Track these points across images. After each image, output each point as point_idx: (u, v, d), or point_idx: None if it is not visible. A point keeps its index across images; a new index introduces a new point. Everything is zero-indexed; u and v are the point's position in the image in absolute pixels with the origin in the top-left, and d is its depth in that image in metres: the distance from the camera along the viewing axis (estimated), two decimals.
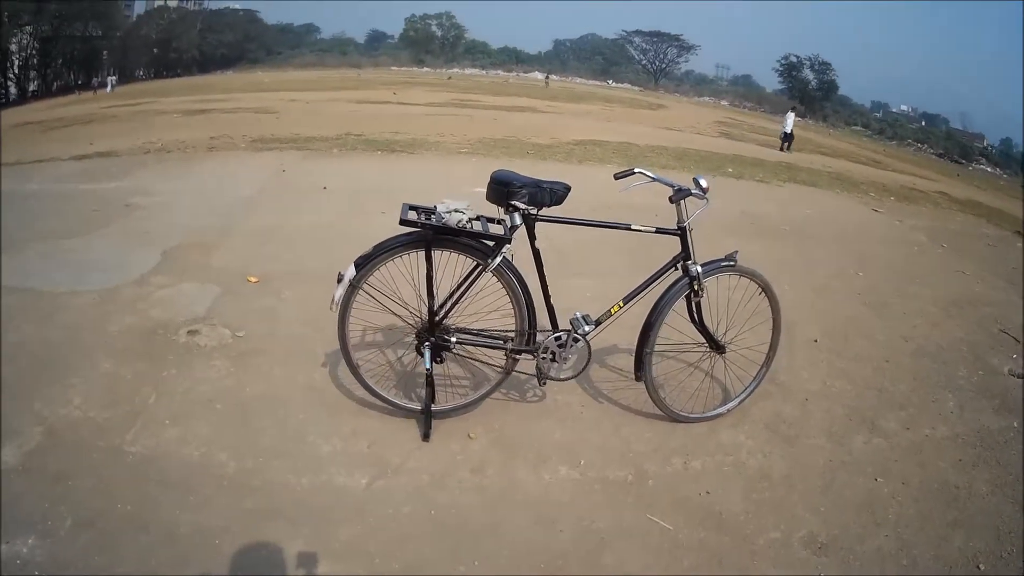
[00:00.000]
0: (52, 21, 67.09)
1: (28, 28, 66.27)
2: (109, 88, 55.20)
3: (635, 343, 3.85)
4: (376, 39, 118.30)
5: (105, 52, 76.23)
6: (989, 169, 71.76)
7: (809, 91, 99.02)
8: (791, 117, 29.18)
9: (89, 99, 43.81)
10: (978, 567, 3.26)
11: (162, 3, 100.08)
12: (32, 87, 67.28)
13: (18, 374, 4.02)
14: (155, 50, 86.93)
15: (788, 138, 27.66)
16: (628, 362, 3.98)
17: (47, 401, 3.78)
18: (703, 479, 3.62)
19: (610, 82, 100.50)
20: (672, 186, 3.68)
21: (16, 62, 66.29)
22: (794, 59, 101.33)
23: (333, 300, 3.50)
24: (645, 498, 3.43)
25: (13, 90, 65.03)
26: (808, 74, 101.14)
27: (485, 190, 3.58)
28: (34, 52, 68.12)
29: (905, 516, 3.54)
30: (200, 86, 46.06)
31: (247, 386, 4.08)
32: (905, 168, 31.73)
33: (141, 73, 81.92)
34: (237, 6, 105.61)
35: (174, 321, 4.82)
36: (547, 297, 3.74)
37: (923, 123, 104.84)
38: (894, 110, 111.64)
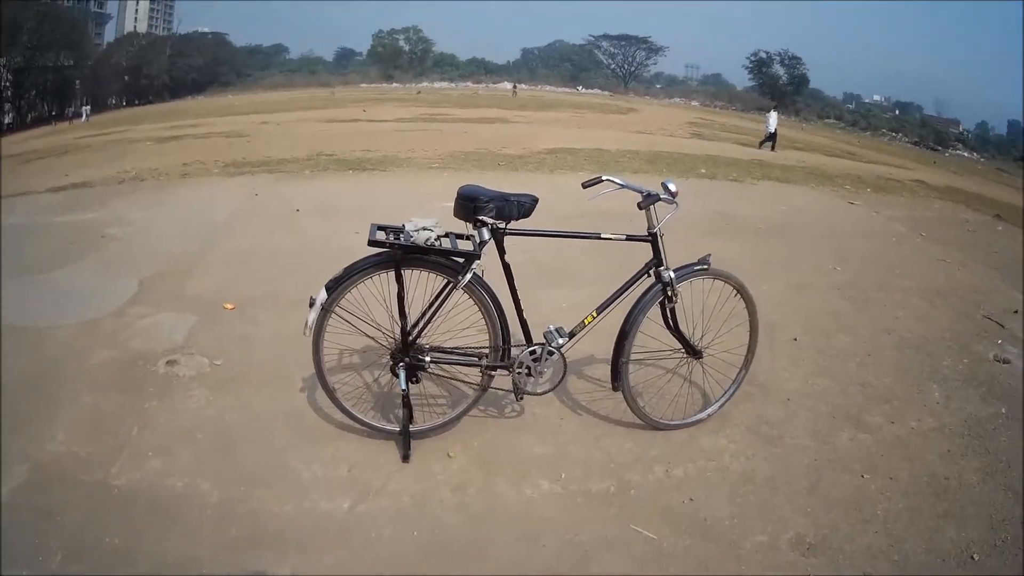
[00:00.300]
0: (24, 52, 66.88)
1: (1, 60, 66.08)
2: (84, 118, 55.17)
3: (605, 352, 3.86)
4: (344, 56, 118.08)
5: (77, 81, 76.14)
6: (966, 154, 72.27)
7: (780, 86, 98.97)
8: (774, 116, 28.73)
9: (64, 130, 43.69)
10: (972, 557, 3.26)
11: (131, 30, 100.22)
12: (7, 120, 67.04)
13: (3, 410, 4.02)
14: (126, 77, 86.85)
15: (772, 138, 27.40)
16: (606, 372, 3.96)
17: (32, 437, 3.78)
18: (686, 486, 3.61)
19: (580, 88, 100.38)
20: (641, 192, 3.69)
21: None
22: (763, 55, 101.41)
23: (306, 325, 3.48)
24: (628, 508, 3.42)
25: None
26: (778, 69, 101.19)
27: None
28: (7, 84, 67.90)
29: (894, 511, 3.54)
30: (172, 112, 46.04)
31: (227, 414, 4.07)
32: (880, 158, 31.81)
33: (113, 101, 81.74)
34: (205, 29, 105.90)
35: (153, 352, 4.81)
36: (519, 311, 3.73)
37: (896, 112, 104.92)
38: (866, 101, 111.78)
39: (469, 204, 3.48)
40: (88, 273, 6.48)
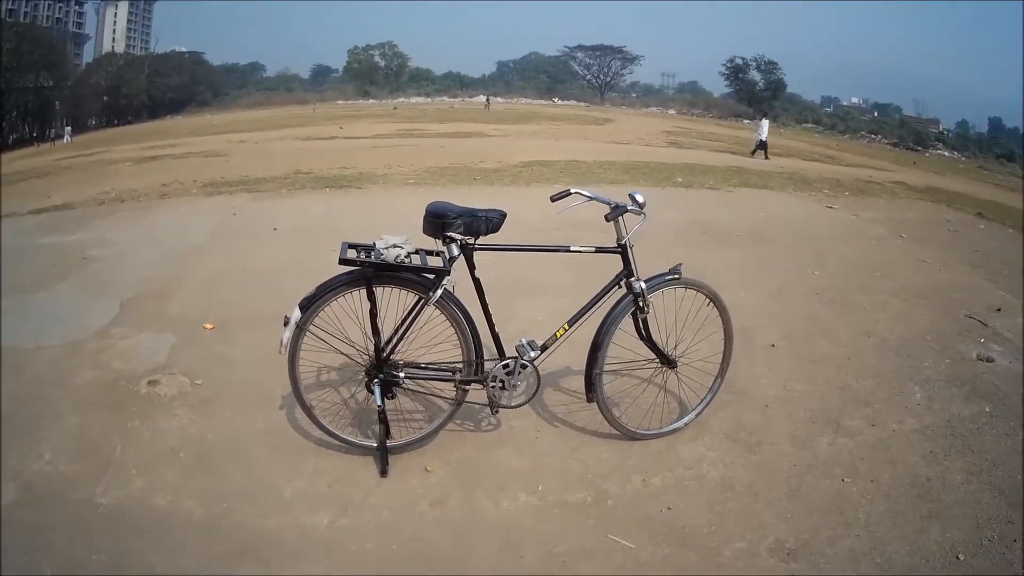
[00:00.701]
0: (4, 74, 66.72)
1: None
2: (67, 139, 55.01)
3: (580, 364, 3.90)
4: (321, 73, 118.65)
5: (57, 103, 76.03)
6: (947, 154, 72.50)
7: (757, 92, 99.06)
8: (765, 124, 28.59)
9: (47, 151, 43.64)
10: (958, 557, 3.29)
11: (109, 50, 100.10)
12: None
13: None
14: (105, 98, 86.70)
15: (763, 145, 27.20)
16: (581, 384, 3.99)
17: (20, 456, 3.81)
18: (664, 495, 3.63)
19: (556, 100, 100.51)
20: (609, 204, 3.73)
21: None
22: (739, 61, 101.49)
23: (281, 343, 3.51)
24: (606, 518, 3.44)
25: None
26: (755, 75, 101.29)
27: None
28: None
29: (876, 514, 3.56)
30: (150, 132, 45.96)
31: (208, 433, 4.10)
32: (859, 161, 31.91)
33: (93, 122, 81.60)
34: (183, 48, 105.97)
35: (135, 372, 4.83)
36: (491, 325, 3.77)
37: (875, 114, 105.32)
38: (844, 103, 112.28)
39: (437, 221, 3.52)
40: (71, 294, 6.50)
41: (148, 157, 22.19)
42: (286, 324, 3.49)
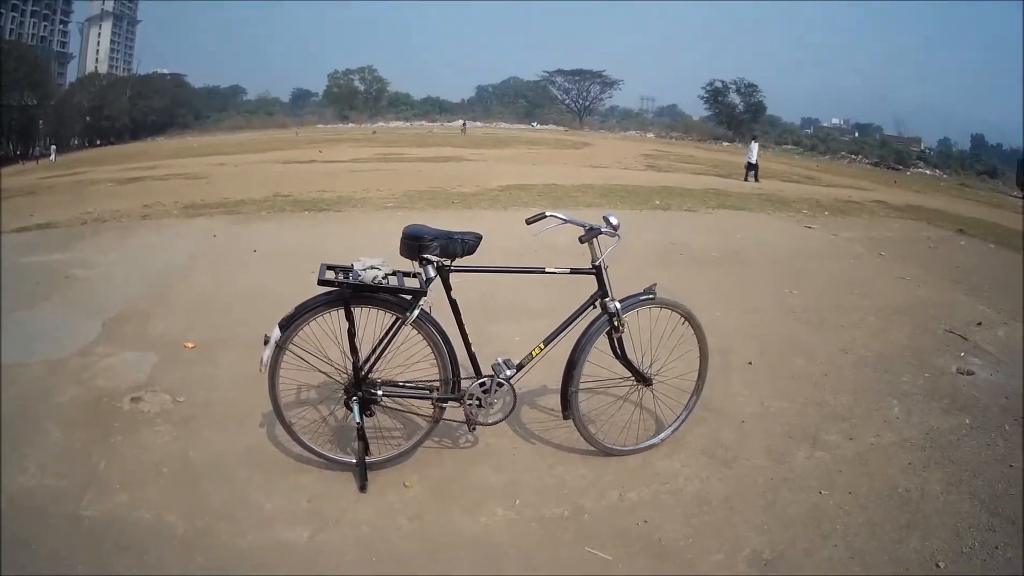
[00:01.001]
0: None
1: None
2: (53, 157, 54.99)
3: (557, 382, 3.96)
4: (301, 97, 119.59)
5: (41, 121, 75.93)
6: (928, 172, 72.89)
7: (737, 115, 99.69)
8: (755, 147, 28.65)
9: (32, 169, 43.51)
10: (937, 566, 3.34)
11: (93, 70, 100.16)
12: None
13: None
14: (88, 118, 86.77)
15: (753, 168, 27.40)
16: (557, 402, 4.06)
17: (5, 471, 3.83)
18: (640, 509, 3.68)
19: (534, 124, 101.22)
20: (583, 226, 3.80)
21: None
22: (719, 84, 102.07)
23: (261, 362, 3.56)
24: (583, 532, 3.48)
25: None
26: (735, 97, 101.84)
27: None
28: None
29: (854, 525, 3.61)
30: (132, 154, 46.05)
31: (191, 450, 4.12)
32: (839, 181, 32.14)
33: (76, 141, 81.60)
34: (164, 71, 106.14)
35: (118, 389, 4.86)
36: (468, 345, 3.83)
37: (856, 134, 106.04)
38: (825, 124, 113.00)
39: (414, 243, 3.60)
40: (54, 313, 6.53)
41: (130, 178, 22.16)
42: (266, 343, 3.55)
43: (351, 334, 3.60)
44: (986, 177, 71.32)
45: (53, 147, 62.05)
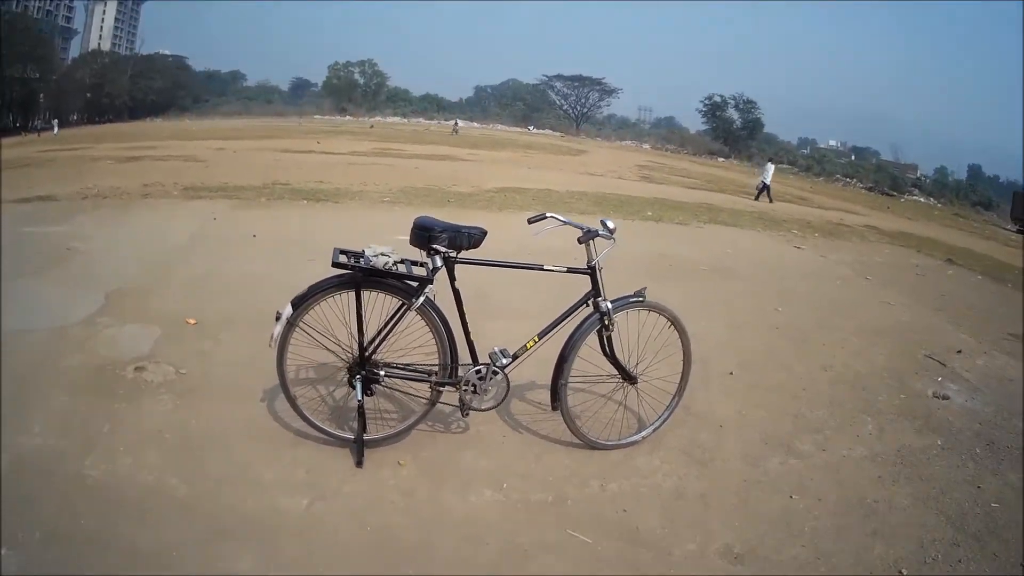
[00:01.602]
0: None
1: None
2: (55, 131, 54.76)
3: (551, 376, 4.12)
4: (300, 87, 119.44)
5: (42, 95, 75.55)
6: (923, 199, 72.77)
7: (734, 131, 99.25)
8: (770, 168, 28.91)
9: (33, 141, 43.24)
10: (901, 572, 3.50)
11: (96, 47, 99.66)
12: None
13: None
14: (88, 95, 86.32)
15: (766, 189, 27.39)
16: (546, 396, 4.24)
17: (9, 431, 3.94)
18: (620, 499, 3.85)
19: (531, 128, 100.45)
20: (581, 228, 4.01)
21: None
22: (718, 99, 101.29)
23: (272, 337, 3.74)
24: (565, 516, 3.65)
25: None
26: (733, 113, 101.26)
27: (408, 236, 3.87)
28: None
29: (822, 528, 3.77)
30: (131, 133, 45.56)
31: (193, 419, 4.26)
32: (832, 204, 32.13)
33: (75, 117, 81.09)
34: (167, 51, 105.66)
35: (121, 359, 4.99)
36: (467, 333, 4.02)
37: (852, 157, 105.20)
38: (822, 145, 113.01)
39: (424, 233, 3.80)
40: (56, 283, 6.65)
41: (130, 157, 22.14)
42: (277, 319, 3.73)
43: (359, 315, 3.78)
44: (981, 208, 70.96)
45: (55, 121, 61.87)
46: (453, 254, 3.86)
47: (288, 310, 3.73)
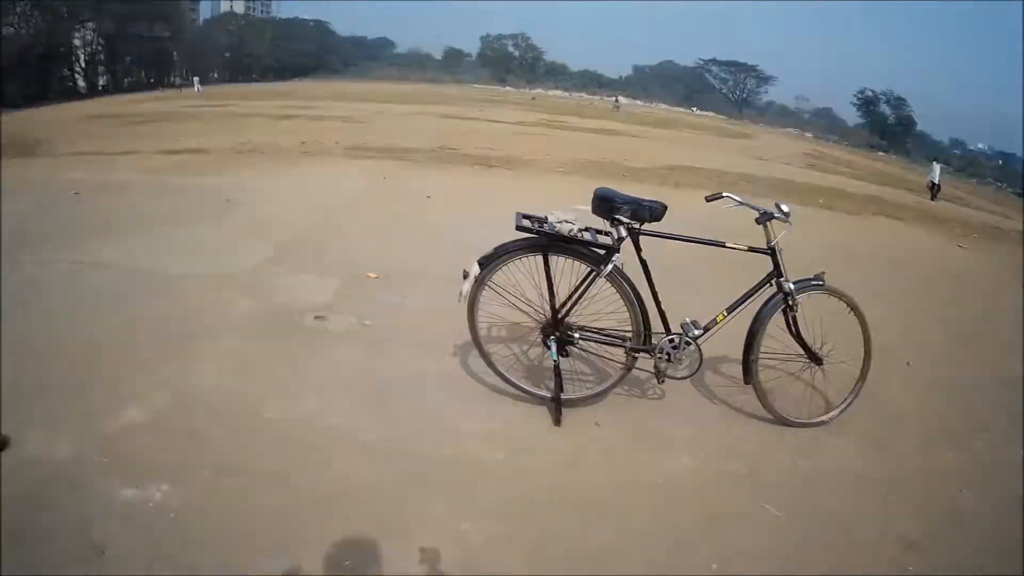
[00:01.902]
0: (114, 19, 68.35)
1: (91, 24, 67.68)
2: (197, 88, 56.43)
3: (738, 353, 4.16)
4: (453, 56, 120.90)
5: (175, 53, 77.84)
6: None
7: (888, 126, 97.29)
8: (937, 168, 29.47)
9: (173, 97, 44.65)
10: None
11: (228, 9, 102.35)
12: (101, 82, 68.69)
13: (134, 345, 4.42)
14: (227, 54, 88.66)
15: (935, 187, 28.09)
16: (735, 369, 4.29)
17: (173, 371, 4.14)
18: (810, 477, 3.84)
19: (694, 109, 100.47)
20: (757, 210, 4.04)
21: (82, 56, 67.77)
22: (870, 93, 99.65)
23: (461, 294, 3.86)
24: (759, 488, 3.66)
25: (81, 83, 66.42)
26: (885, 108, 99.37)
27: (589, 206, 3.95)
28: (99, 48, 69.53)
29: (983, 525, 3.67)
30: (280, 92, 46.78)
31: (380, 369, 4.41)
32: (986, 206, 31.40)
33: (215, 75, 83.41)
34: (306, 16, 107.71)
35: (298, 307, 5.19)
36: (658, 303, 4.05)
37: (1000, 161, 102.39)
38: (971, 148, 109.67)
39: (606, 204, 3.87)
40: (218, 233, 6.93)
41: (282, 115, 22.86)
42: (465, 277, 3.84)
43: (549, 278, 3.87)
44: None
45: (196, 78, 63.71)
46: (636, 225, 3.90)
47: (475, 268, 3.84)
